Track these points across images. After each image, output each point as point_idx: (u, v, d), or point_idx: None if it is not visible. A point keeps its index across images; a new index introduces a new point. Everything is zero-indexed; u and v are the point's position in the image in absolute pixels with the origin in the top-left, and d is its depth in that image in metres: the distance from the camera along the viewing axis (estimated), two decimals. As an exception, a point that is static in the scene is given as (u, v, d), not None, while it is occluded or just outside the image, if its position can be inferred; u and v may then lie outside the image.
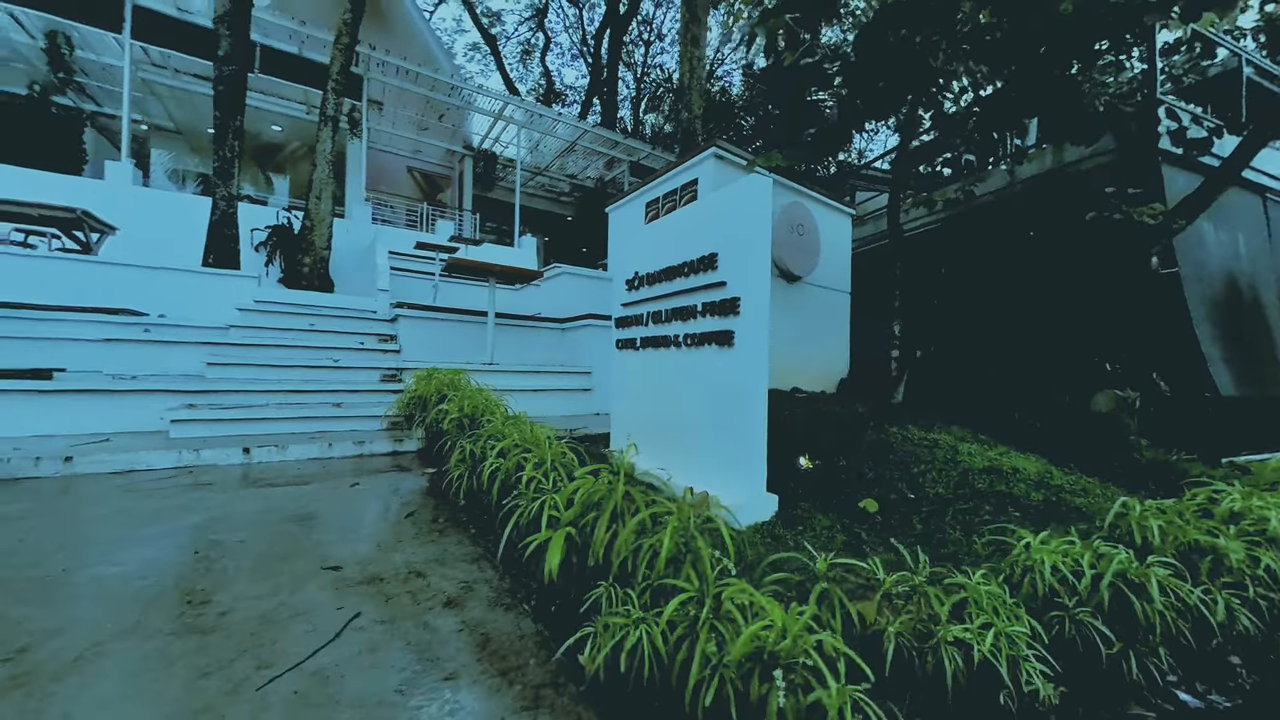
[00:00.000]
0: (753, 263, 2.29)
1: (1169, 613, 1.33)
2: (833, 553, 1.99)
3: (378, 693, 1.05)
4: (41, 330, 3.95)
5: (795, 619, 1.00)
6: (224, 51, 6.93)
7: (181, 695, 1.04)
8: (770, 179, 2.40)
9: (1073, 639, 1.29)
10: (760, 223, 2.29)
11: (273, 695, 1.05)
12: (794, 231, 5.56)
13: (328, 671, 1.13)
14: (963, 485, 2.83)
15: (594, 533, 1.38)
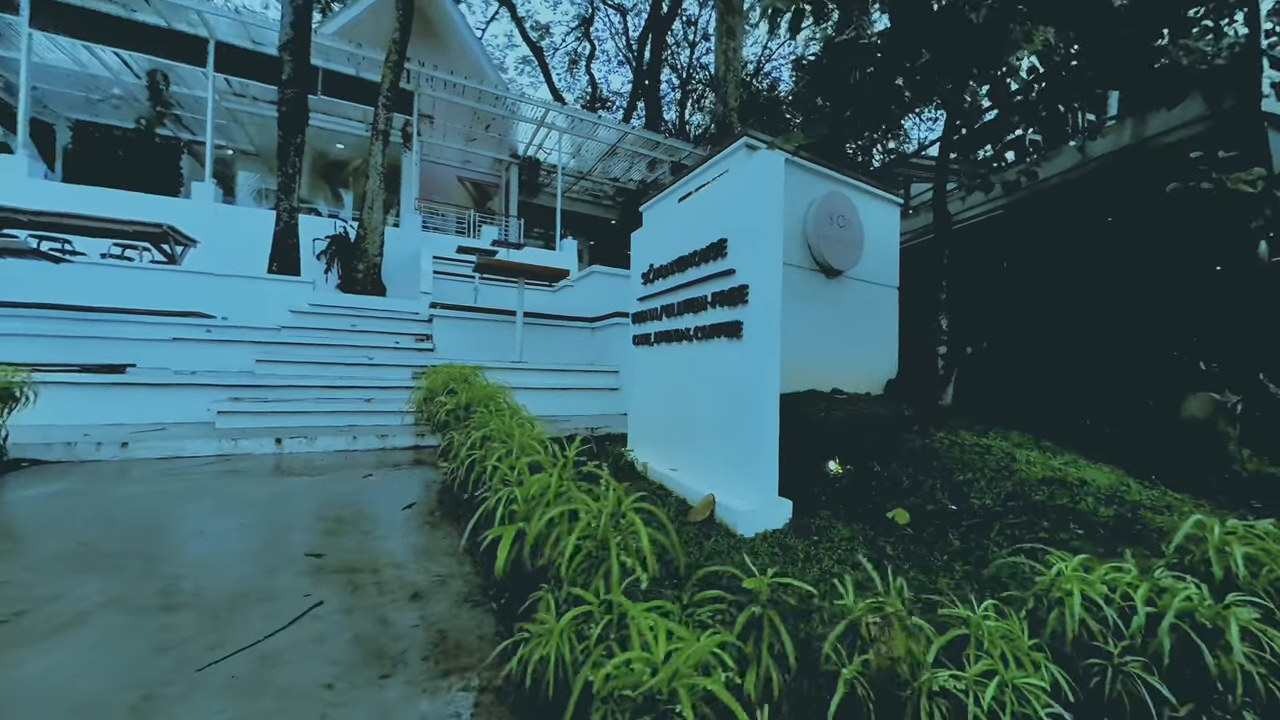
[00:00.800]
0: (763, 247, 2.12)
1: (1256, 668, 1.04)
2: (827, 565, 1.79)
3: (306, 686, 1.01)
4: (120, 331, 4.37)
5: (690, 650, 0.82)
6: (286, 76, 7.51)
7: (129, 670, 1.04)
8: (782, 156, 2.23)
9: (1117, 697, 1.03)
10: (771, 204, 2.12)
11: (210, 677, 1.03)
12: (834, 223, 5.25)
13: (271, 658, 1.10)
14: (1016, 497, 2.50)
15: (543, 530, 1.28)
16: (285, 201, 7.60)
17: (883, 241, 5.79)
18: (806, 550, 1.90)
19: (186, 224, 7.98)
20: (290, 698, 0.97)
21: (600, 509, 1.20)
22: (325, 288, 8.90)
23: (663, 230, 3.03)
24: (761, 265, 2.12)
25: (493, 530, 1.37)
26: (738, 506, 2.06)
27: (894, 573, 1.69)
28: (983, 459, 2.98)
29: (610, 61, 27.62)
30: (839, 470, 2.93)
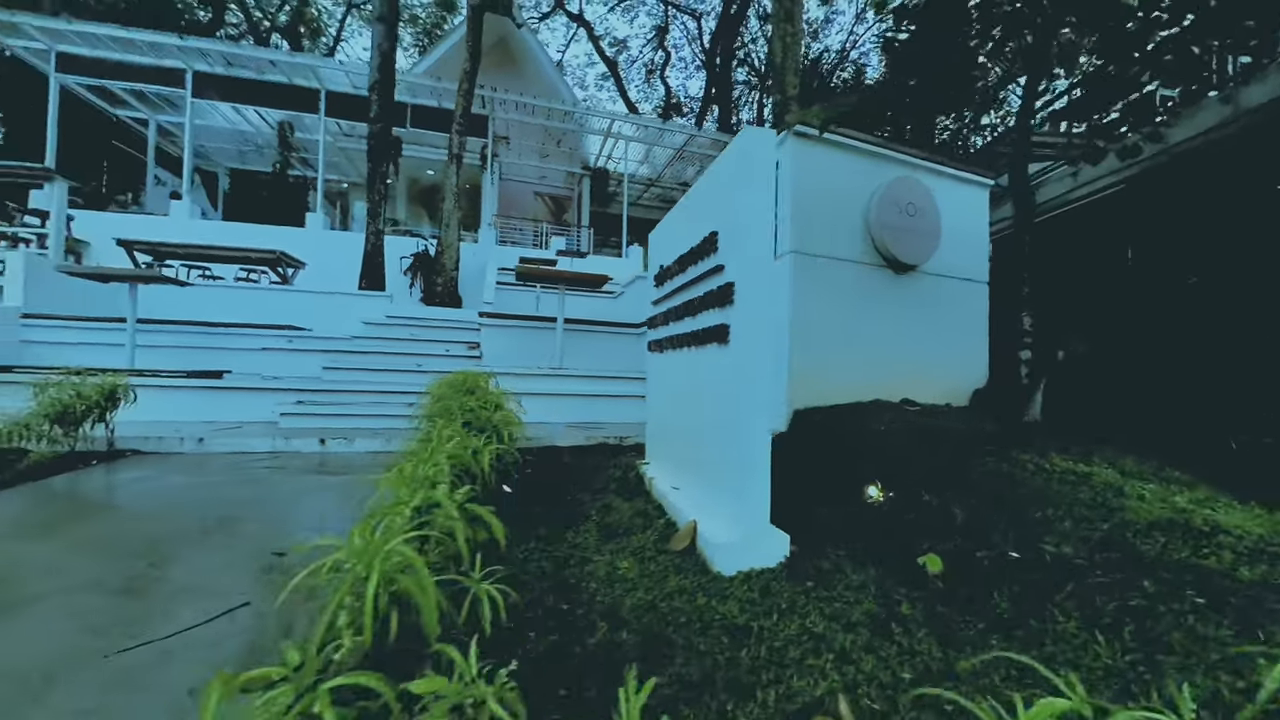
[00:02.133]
0: (750, 238, 1.83)
1: None
2: (813, 623, 1.44)
3: (176, 686, 0.97)
4: (224, 342, 5.05)
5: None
6: (374, 113, 8.35)
7: (46, 643, 1.09)
8: (772, 133, 1.92)
9: None
10: (759, 187, 1.83)
11: (111, 664, 1.04)
12: (902, 211, 4.62)
13: (170, 653, 1.09)
14: (1110, 546, 1.93)
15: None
16: (373, 225, 8.43)
17: (967, 230, 4.99)
18: (792, 599, 1.57)
19: (300, 249, 9.17)
20: (148, 692, 0.94)
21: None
22: (409, 301, 9.73)
23: (670, 228, 2.81)
24: (748, 259, 1.83)
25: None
26: (717, 538, 1.78)
27: (902, 641, 1.33)
28: (1074, 491, 2.37)
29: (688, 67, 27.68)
30: (879, 498, 2.48)
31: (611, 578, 1.70)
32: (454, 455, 1.74)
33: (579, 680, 1.19)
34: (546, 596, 1.56)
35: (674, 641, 1.36)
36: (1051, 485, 2.46)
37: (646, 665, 1.26)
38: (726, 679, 1.21)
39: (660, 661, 1.27)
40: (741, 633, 1.40)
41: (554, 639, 1.35)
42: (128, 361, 4.66)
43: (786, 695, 1.16)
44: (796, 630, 1.40)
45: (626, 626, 1.41)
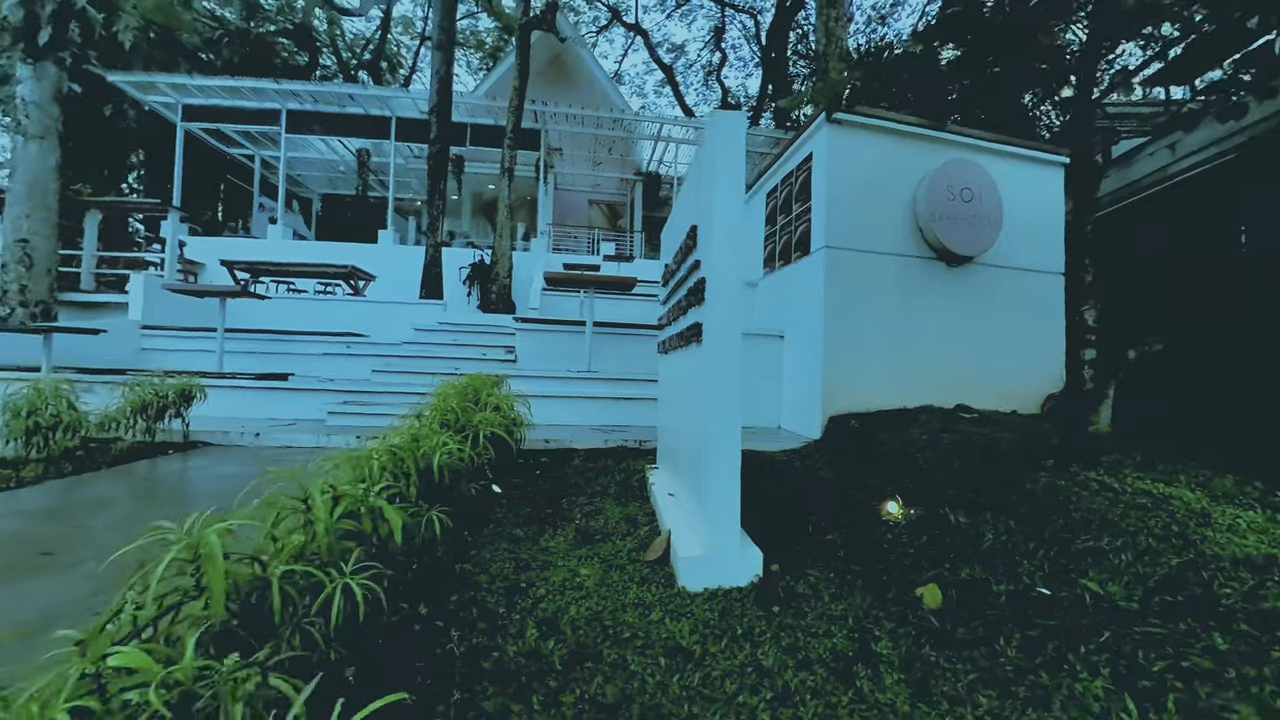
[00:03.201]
0: (717, 231, 1.70)
1: None
2: (765, 655, 1.28)
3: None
4: (292, 348, 5.58)
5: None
6: (433, 135, 8.93)
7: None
8: (743, 116, 1.77)
9: None
10: (725, 175, 1.70)
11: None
12: (955, 197, 4.17)
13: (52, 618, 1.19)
14: (1175, 586, 1.58)
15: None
16: (431, 238, 9.01)
17: (1037, 215, 4.43)
18: (751, 625, 1.42)
19: (371, 263, 10.00)
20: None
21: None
22: (466, 308, 10.25)
23: (672, 224, 2.71)
24: (715, 253, 1.70)
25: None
26: (689, 550, 1.65)
27: (864, 687, 1.15)
28: (1144, 517, 1.98)
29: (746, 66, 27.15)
30: (899, 515, 2.22)
31: (567, 585, 1.63)
32: (399, 449, 1.76)
33: (473, 690, 1.13)
34: (487, 599, 1.52)
35: (604, 658, 1.26)
36: (1115, 509, 2.07)
37: (563, 681, 1.18)
38: (644, 707, 1.10)
39: (580, 678, 1.19)
40: (682, 656, 1.28)
41: (475, 642, 1.30)
42: (217, 365, 5.29)
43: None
44: (743, 661, 1.26)
45: (559, 637, 1.34)
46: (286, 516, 1.19)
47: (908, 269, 4.22)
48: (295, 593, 0.97)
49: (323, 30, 20.50)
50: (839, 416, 4.05)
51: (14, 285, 5.77)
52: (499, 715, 1.07)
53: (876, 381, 4.10)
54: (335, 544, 1.17)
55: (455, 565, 1.75)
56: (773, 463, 3.51)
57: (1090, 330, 2.59)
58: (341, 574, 1.05)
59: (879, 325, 4.15)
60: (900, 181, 4.22)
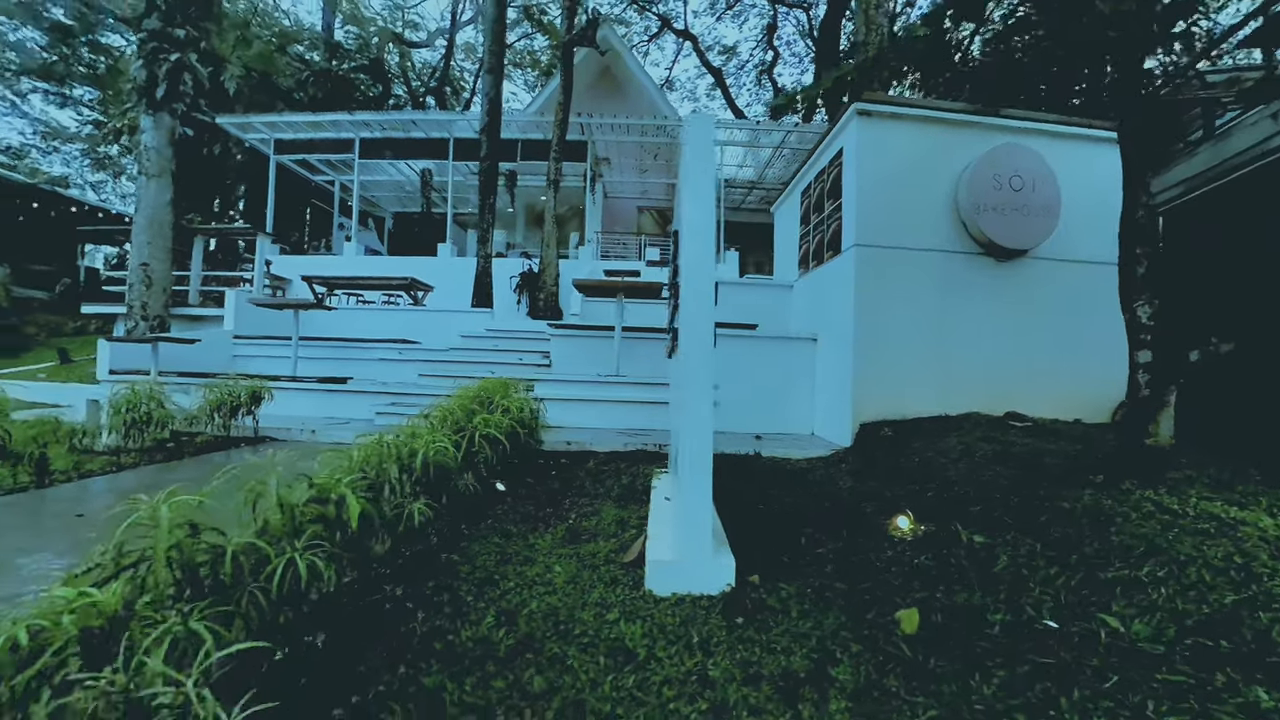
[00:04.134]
0: (685, 232, 1.70)
1: None
2: (712, 665, 1.24)
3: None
4: (353, 354, 6.09)
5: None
6: (484, 152, 9.45)
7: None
8: (712, 118, 1.75)
9: None
10: (697, 174, 1.69)
11: None
12: (1004, 186, 3.84)
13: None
14: (1224, 629, 1.38)
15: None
16: (482, 249, 9.51)
17: (1103, 201, 3.96)
18: (710, 635, 1.39)
19: (431, 275, 10.68)
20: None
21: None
22: (515, 315, 10.70)
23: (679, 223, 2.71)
24: (685, 258, 1.69)
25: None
26: (655, 554, 1.65)
27: (806, 712, 1.10)
28: (1201, 545, 1.76)
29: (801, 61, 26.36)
30: (907, 532, 2.07)
31: (538, 580, 1.67)
32: (391, 444, 1.87)
33: (418, 666, 1.20)
34: (461, 587, 1.60)
35: (545, 650, 1.30)
36: (1167, 533, 1.83)
37: (501, 667, 1.22)
38: (567, 701, 1.12)
39: (517, 667, 1.22)
40: (625, 658, 1.28)
41: (437, 624, 1.38)
42: (292, 369, 5.89)
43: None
44: (689, 669, 1.24)
45: (511, 627, 1.39)
46: (257, 499, 1.33)
47: (949, 266, 3.93)
48: (246, 561, 1.09)
49: (394, 63, 22.31)
50: (871, 423, 3.83)
51: (137, 302, 6.75)
52: (434, 690, 1.14)
53: (913, 386, 3.84)
54: (305, 525, 1.28)
55: (443, 555, 1.85)
56: (790, 471, 3.39)
57: (1145, 329, 2.29)
58: (294, 549, 1.15)
59: (916, 326, 3.89)
60: (940, 172, 3.94)
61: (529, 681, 1.17)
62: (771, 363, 4.82)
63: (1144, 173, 2.28)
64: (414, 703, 1.10)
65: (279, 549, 1.18)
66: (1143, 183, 2.28)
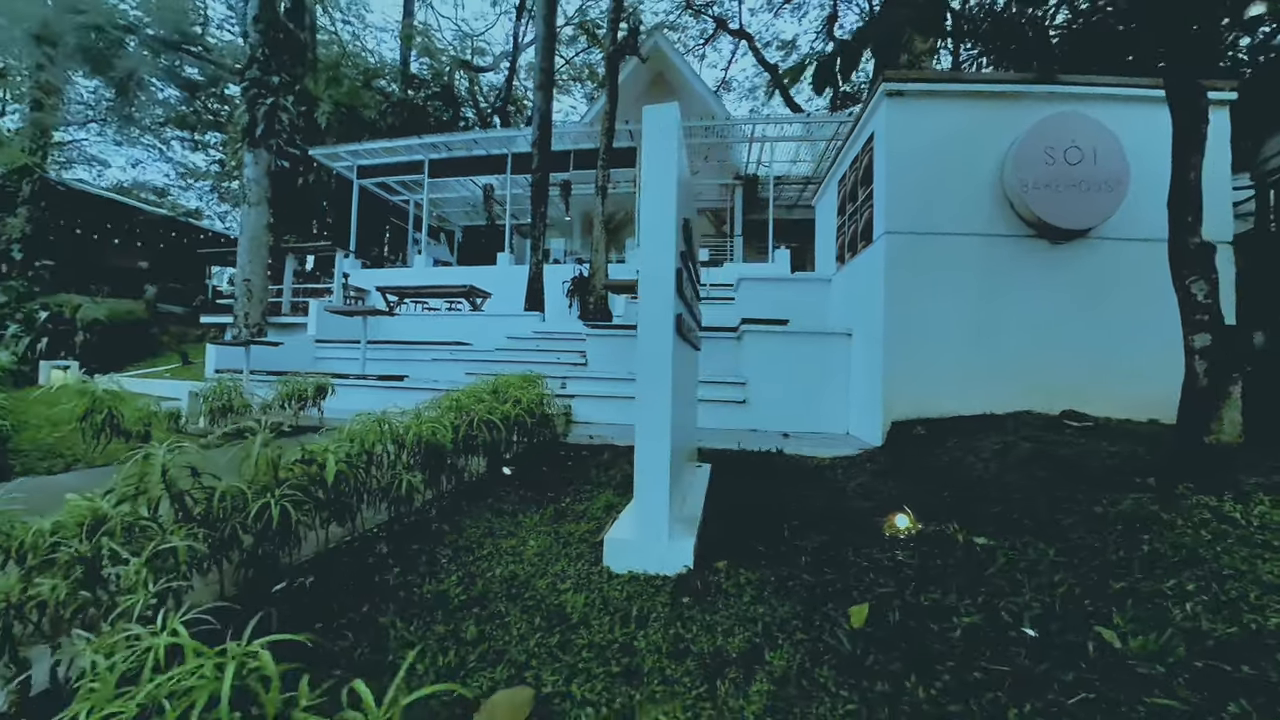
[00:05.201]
0: (642, 230, 1.74)
1: None
2: (642, 633, 1.28)
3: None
4: (411, 356, 6.64)
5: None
6: (535, 165, 9.93)
7: None
8: (672, 108, 1.77)
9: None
10: (655, 170, 1.73)
11: None
12: (1058, 159, 3.47)
13: None
14: (1248, 654, 1.21)
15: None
16: (534, 256, 9.97)
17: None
18: (648, 611, 1.42)
19: (490, 283, 11.36)
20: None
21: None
22: (567, 318, 11.06)
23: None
24: (645, 256, 1.73)
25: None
26: (616, 533, 1.71)
27: (720, 695, 1.11)
28: (1255, 558, 1.57)
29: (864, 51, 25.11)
30: (903, 531, 1.96)
31: (511, 551, 1.78)
32: (383, 422, 2.05)
33: (380, 608, 1.34)
34: (441, 552, 1.74)
35: (489, 608, 1.40)
36: (1216, 544, 1.63)
37: (445, 616, 1.34)
38: (492, 649, 1.21)
39: (460, 617, 1.33)
40: (561, 622, 1.35)
41: (408, 579, 1.53)
42: (360, 368, 6.54)
43: (494, 682, 1.09)
44: (617, 638, 1.29)
45: (468, 586, 1.50)
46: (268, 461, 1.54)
47: (993, 251, 3.61)
48: (231, 503, 1.29)
49: (464, 88, 23.98)
50: (903, 422, 3.60)
51: (241, 312, 7.79)
52: (385, 627, 1.28)
53: (952, 383, 3.56)
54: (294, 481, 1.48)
55: (435, 525, 2.02)
56: (809, 469, 3.27)
57: (1201, 308, 2.00)
58: (273, 497, 1.34)
59: (955, 317, 3.61)
60: (982, 150, 3.65)
61: (464, 630, 1.27)
62: (804, 360, 4.66)
63: (1198, 127, 2.00)
64: (364, 634, 1.24)
65: (264, 498, 1.37)
66: (1197, 139, 2.00)
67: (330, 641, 1.19)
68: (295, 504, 1.45)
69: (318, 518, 1.61)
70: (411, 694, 0.83)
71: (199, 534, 1.24)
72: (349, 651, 1.17)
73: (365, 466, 1.82)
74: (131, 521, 1.16)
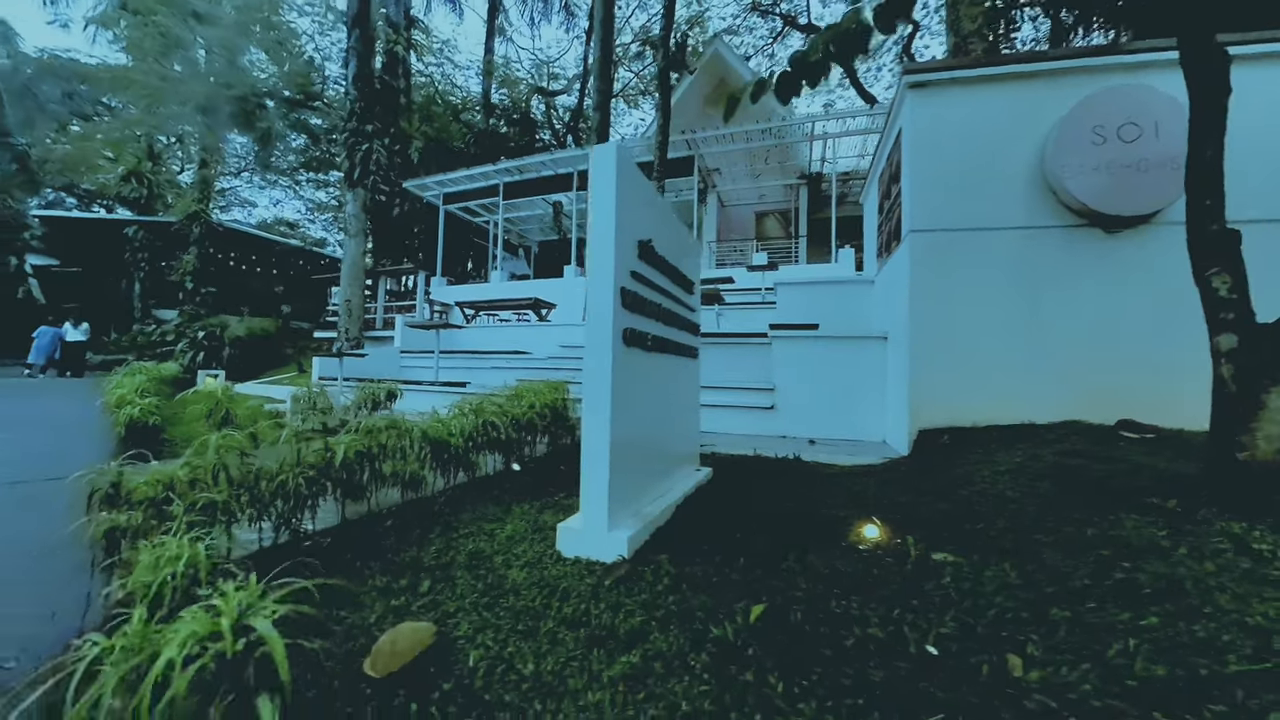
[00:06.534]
0: (589, 256, 1.94)
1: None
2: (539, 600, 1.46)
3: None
4: (474, 364, 7.32)
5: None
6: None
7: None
8: (611, 148, 1.94)
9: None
10: (598, 206, 1.92)
11: None
12: (1109, 138, 3.12)
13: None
14: (1192, 697, 1.16)
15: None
16: (591, 268, 10.49)
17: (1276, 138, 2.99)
18: (576, 588, 1.60)
19: (556, 295, 12.08)
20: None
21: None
22: (624, 328, 11.45)
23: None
24: (590, 279, 1.93)
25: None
26: (570, 523, 1.90)
27: (587, 660, 1.28)
28: (1248, 593, 1.43)
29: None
30: (869, 542, 1.95)
31: (487, 534, 2.04)
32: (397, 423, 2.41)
33: (369, 566, 1.67)
34: (433, 531, 2.05)
35: (447, 573, 1.67)
36: (1215, 578, 1.48)
37: (411, 574, 1.63)
38: (433, 601, 1.47)
39: (421, 577, 1.62)
40: (495, 587, 1.59)
41: (398, 547, 1.85)
42: (433, 376, 7.35)
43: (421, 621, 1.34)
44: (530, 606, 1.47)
45: (438, 557, 1.79)
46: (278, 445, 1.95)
47: (1035, 245, 3.31)
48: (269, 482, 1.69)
49: (540, 112, 25.63)
50: (930, 430, 3.41)
51: (342, 328, 9.06)
52: (368, 577, 1.60)
53: (986, 389, 3.32)
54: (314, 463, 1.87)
55: (438, 510, 2.34)
56: (821, 476, 3.21)
57: (1225, 304, 1.77)
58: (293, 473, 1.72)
59: (990, 319, 3.36)
60: (1018, 137, 3.37)
61: (420, 586, 1.55)
62: (837, 365, 4.53)
63: (1214, 97, 1.79)
64: (353, 580, 1.57)
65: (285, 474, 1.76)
66: (1213, 110, 1.79)
67: (326, 578, 1.53)
68: (309, 480, 1.82)
69: (333, 494, 1.98)
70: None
71: (241, 496, 1.65)
72: (338, 587, 1.50)
73: (377, 456, 2.18)
74: (191, 478, 1.57)
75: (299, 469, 1.83)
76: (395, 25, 13.92)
